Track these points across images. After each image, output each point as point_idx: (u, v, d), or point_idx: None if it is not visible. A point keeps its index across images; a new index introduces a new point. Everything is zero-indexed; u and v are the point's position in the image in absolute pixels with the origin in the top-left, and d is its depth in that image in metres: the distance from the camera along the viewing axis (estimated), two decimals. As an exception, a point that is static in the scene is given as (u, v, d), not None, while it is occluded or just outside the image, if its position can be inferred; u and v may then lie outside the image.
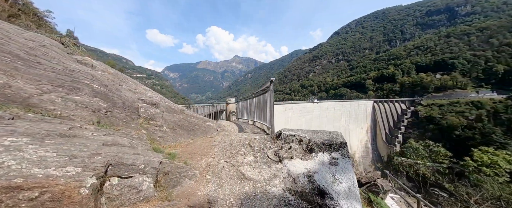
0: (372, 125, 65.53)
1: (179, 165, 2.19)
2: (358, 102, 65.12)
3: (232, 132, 4.86)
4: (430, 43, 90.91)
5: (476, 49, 70.88)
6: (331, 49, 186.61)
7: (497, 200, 13.16)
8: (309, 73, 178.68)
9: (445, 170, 18.67)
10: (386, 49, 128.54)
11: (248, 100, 6.31)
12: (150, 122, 3.57)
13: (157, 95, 5.06)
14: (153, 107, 3.88)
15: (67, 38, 7.52)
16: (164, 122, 3.80)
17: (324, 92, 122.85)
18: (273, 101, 3.78)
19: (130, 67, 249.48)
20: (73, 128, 2.26)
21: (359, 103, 64.48)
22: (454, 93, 62.51)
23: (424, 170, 17.93)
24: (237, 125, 5.95)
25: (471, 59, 67.92)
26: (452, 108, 52.11)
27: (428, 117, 54.15)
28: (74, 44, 7.98)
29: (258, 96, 5.01)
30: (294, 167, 2.05)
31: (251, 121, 5.90)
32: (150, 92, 4.96)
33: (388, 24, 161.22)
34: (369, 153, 61.19)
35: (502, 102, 46.23)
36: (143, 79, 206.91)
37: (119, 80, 4.34)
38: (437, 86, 67.94)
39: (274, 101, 3.76)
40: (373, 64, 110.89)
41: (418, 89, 71.35)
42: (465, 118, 47.21)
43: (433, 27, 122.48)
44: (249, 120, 6.27)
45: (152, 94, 4.79)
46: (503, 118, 42.51)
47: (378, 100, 66.98)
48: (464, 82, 64.21)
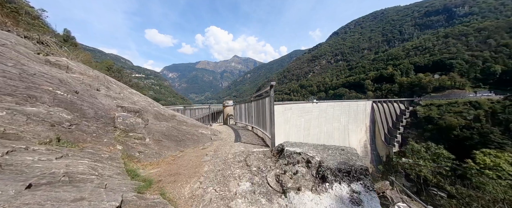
0: (371, 125, 65.45)
1: (153, 201, 1.66)
2: (357, 102, 64.97)
3: (228, 141, 4.35)
4: (428, 43, 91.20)
5: (474, 49, 71.16)
6: (330, 49, 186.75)
7: (501, 203, 12.84)
8: (308, 73, 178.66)
9: (447, 172, 18.33)
10: (385, 50, 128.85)
11: (246, 104, 5.80)
12: (129, 135, 3.04)
13: (146, 99, 4.56)
14: (135, 116, 3.32)
15: (47, 37, 6.89)
16: (147, 134, 3.26)
17: (323, 92, 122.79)
18: (273, 108, 3.29)
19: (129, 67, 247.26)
20: (13, 151, 1.72)
21: (358, 103, 64.34)
22: (452, 93, 62.65)
23: (425, 172, 17.59)
24: (234, 130, 5.46)
25: (469, 60, 68.17)
26: (451, 108, 52.15)
27: (427, 117, 54.14)
28: (56, 44, 7.35)
29: (257, 100, 4.60)
30: (304, 206, 1.53)
31: (250, 126, 5.38)
32: (137, 96, 4.42)
33: (387, 24, 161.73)
34: (368, 153, 61.11)
35: (500, 102, 46.32)
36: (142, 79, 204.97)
37: (98, 84, 3.78)
38: (435, 86, 68.08)
39: (274, 105, 3.30)
40: (372, 64, 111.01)
41: (417, 89, 71.45)
42: (463, 118, 47.26)
43: (432, 27, 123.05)
44: (247, 125, 5.76)
45: (139, 98, 4.27)
46: (501, 118, 42.58)
47: (377, 100, 66.91)
48: (462, 82, 64.40)
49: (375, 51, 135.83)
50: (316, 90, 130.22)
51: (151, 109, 3.79)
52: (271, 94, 3.26)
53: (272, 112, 3.28)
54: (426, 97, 65.30)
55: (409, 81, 75.90)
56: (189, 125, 4.22)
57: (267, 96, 3.57)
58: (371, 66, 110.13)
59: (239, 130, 5.38)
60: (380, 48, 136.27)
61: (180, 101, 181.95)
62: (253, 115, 4.76)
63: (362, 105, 64.56)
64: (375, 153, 60.64)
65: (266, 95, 3.68)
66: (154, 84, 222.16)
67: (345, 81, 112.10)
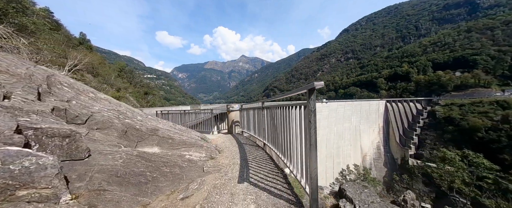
0: (385, 126, 62.45)
1: None
2: (370, 102, 62.30)
3: (229, 175, 2.75)
4: (448, 38, 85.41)
5: (501, 44, 65.48)
6: (340, 47, 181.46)
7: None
8: (317, 72, 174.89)
9: (490, 186, 16.16)
10: (399, 46, 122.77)
11: (255, 111, 4.40)
12: (19, 194, 1.36)
13: (116, 107, 3.06)
14: (52, 147, 1.94)
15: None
16: (64, 187, 1.58)
17: (333, 92, 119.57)
18: (315, 132, 1.71)
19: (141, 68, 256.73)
20: None
21: (370, 103, 61.68)
22: (476, 92, 58.11)
23: (459, 183, 15.73)
24: (239, 147, 4.06)
25: (496, 55, 62.82)
26: (474, 108, 48.32)
27: (447, 118, 50.62)
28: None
29: (276, 109, 3.00)
30: None
31: (261, 141, 3.94)
32: (103, 103, 3.02)
33: (402, 20, 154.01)
34: (381, 155, 58.41)
35: (533, 102, 42.13)
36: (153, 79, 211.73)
37: (26, 85, 2.44)
38: (456, 84, 63.53)
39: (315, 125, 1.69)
40: (385, 62, 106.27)
41: (436, 87, 67.13)
42: (489, 119, 43.55)
43: (452, 21, 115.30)
44: (257, 139, 4.36)
45: (105, 106, 2.89)
46: (534, 119, 38.67)
47: (391, 100, 63.74)
48: (487, 80, 59.51)
49: (389, 48, 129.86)
50: (326, 90, 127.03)
51: (119, 122, 2.53)
52: (312, 106, 1.67)
53: (312, 137, 1.70)
54: (446, 96, 61.14)
55: (426, 79, 71.53)
56: (175, 145, 2.88)
57: (303, 107, 1.95)
58: (384, 64, 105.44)
59: (246, 147, 4.09)
60: (394, 45, 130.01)
61: (189, 101, 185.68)
62: (266, 128, 3.47)
63: (375, 105, 61.81)
64: (389, 155, 57.80)
65: (301, 105, 2.03)
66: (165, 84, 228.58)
67: (356, 80, 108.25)
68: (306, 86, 1.68)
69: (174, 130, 3.41)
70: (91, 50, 37.89)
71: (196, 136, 3.83)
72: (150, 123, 3.11)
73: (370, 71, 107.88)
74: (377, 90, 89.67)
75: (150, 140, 2.57)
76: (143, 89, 55.59)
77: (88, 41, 40.97)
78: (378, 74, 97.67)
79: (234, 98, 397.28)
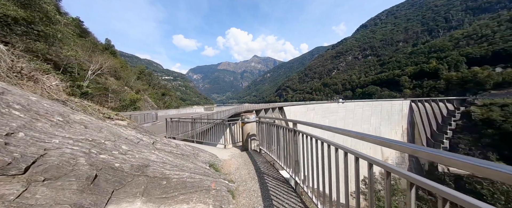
0: (410, 128, 57.57)
1: None
2: (392, 102, 57.91)
3: None
4: (486, 30, 75.69)
5: (556, 34, 56.13)
6: (357, 44, 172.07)
7: None
8: (332, 70, 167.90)
9: None
10: (426, 41, 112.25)
11: (282, 130, 3.03)
12: None
13: (95, 131, 2.22)
14: None
15: None
16: None
17: (349, 91, 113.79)
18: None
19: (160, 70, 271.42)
20: None
21: (392, 103, 57.31)
22: (522, 90, 50.55)
23: None
24: (260, 182, 2.80)
25: (548, 47, 54.02)
26: (521, 109, 42.01)
27: (485, 120, 44.74)
28: None
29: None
30: None
31: (292, 178, 2.63)
32: (72, 130, 2.02)
33: (428, 11, 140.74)
34: (405, 160, 53.95)
35: None
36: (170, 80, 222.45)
37: None
38: (497, 82, 55.90)
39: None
40: (409, 58, 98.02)
41: (471, 85, 59.86)
42: (541, 122, 37.48)
43: (489, 10, 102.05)
44: (282, 170, 3.12)
45: (71, 135, 1.92)
46: None
47: (416, 99, 58.42)
48: (537, 76, 51.43)
49: (413, 43, 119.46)
50: (342, 89, 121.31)
51: (87, 161, 1.66)
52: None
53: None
54: (484, 95, 54.16)
55: (459, 76, 64.17)
56: (170, 191, 1.85)
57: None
58: (408, 60, 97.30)
59: (268, 182, 2.78)
60: (420, 39, 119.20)
61: (203, 101, 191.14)
62: (304, 161, 2.30)
63: (398, 105, 57.30)
64: (414, 160, 53.10)
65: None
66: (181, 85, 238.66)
67: (376, 78, 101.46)
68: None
69: (173, 161, 2.44)
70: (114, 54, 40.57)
71: (202, 166, 2.85)
72: (140, 153, 2.14)
73: (392, 69, 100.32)
74: (400, 88, 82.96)
75: (134, 184, 1.65)
76: (161, 91, 58.34)
77: (112, 46, 43.87)
78: (401, 71, 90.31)
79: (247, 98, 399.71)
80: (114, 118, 3.49)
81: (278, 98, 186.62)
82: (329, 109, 50.57)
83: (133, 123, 3.90)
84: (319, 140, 1.89)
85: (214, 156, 4.13)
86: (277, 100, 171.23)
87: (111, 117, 3.44)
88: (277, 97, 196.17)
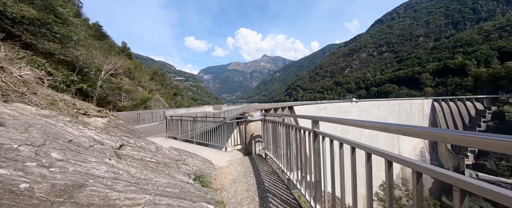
0: (431, 130, 53.26)
1: None
2: (411, 101, 54.01)
3: None
4: (522, 20, 67.80)
5: None
6: (372, 40, 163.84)
7: None
8: (345, 69, 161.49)
9: None
10: (450, 34, 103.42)
11: (294, 130, 2.23)
12: None
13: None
14: None
15: None
16: None
17: (363, 90, 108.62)
18: None
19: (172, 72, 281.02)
20: None
21: (412, 102, 53.42)
22: None
23: None
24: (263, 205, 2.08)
25: None
26: None
27: (523, 121, 39.98)
28: None
29: None
30: None
31: (305, 194, 1.89)
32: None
33: (453, 2, 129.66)
34: (426, 161, 50.01)
35: None
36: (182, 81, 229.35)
37: None
38: (537, 78, 49.75)
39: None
40: (430, 54, 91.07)
41: (504, 83, 53.86)
42: None
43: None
44: (297, 186, 2.07)
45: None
46: None
47: (439, 99, 53.92)
48: None
49: (435, 37, 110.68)
50: (355, 88, 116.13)
51: None
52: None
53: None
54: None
55: (490, 73, 58.05)
56: None
57: None
58: (429, 56, 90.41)
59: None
60: (443, 33, 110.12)
61: (213, 101, 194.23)
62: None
63: (418, 104, 53.32)
64: (436, 164, 48.99)
65: None
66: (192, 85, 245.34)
67: (393, 76, 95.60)
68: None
69: (135, 175, 1.66)
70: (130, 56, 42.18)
71: (182, 180, 2.09)
72: (79, 165, 1.41)
73: (411, 65, 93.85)
74: (420, 87, 77.22)
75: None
76: (173, 91, 59.89)
77: (128, 48, 45.86)
78: (422, 68, 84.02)
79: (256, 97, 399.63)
80: (92, 115, 3.02)
81: (288, 98, 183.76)
82: (342, 109, 48.37)
83: (116, 121, 3.42)
84: (360, 150, 1.10)
85: (208, 162, 3.50)
86: (287, 100, 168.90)
87: (88, 113, 2.98)
88: (287, 97, 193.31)
